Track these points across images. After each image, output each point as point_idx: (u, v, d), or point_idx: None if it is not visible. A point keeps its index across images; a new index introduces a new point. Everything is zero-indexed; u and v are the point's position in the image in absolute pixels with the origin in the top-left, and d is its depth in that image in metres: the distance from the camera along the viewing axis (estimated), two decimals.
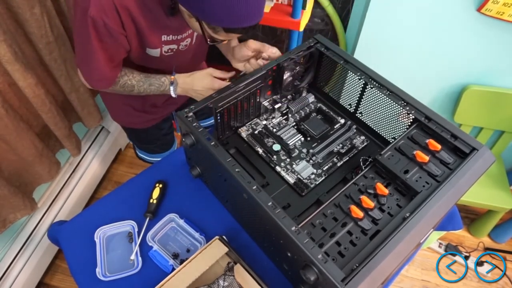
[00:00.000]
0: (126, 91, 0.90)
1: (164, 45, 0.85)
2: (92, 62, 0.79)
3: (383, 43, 1.37)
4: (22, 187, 1.27)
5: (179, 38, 0.86)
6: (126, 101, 1.05)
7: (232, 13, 0.65)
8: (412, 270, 1.59)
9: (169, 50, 0.87)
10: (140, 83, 0.89)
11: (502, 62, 1.29)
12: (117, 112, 1.13)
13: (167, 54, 0.88)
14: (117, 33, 0.75)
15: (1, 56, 1.00)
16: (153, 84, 0.90)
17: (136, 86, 0.89)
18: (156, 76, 0.90)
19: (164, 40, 0.83)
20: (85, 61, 0.82)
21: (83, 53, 0.81)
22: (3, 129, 1.07)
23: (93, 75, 0.84)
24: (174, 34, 0.84)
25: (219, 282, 0.69)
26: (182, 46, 0.89)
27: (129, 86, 0.89)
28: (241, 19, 0.66)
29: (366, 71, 0.80)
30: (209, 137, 0.69)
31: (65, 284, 1.52)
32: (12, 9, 1.03)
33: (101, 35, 0.74)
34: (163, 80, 0.90)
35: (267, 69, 0.81)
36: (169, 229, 0.82)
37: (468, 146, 0.68)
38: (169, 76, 0.91)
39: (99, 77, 0.84)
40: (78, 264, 0.78)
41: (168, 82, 0.91)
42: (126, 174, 1.86)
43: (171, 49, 0.87)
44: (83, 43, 0.78)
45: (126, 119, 1.14)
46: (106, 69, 0.81)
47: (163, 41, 0.83)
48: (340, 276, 0.53)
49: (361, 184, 0.68)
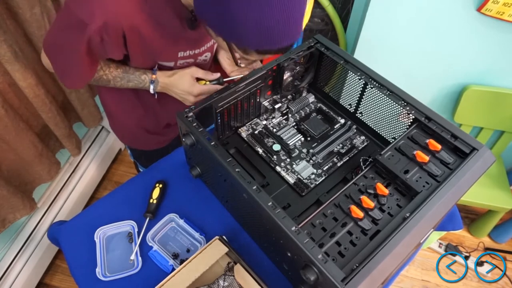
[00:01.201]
0: (99, 84, 0.83)
1: (180, 60, 0.81)
2: (73, 66, 0.73)
3: (383, 43, 1.37)
4: (22, 187, 1.27)
5: (197, 52, 0.81)
6: (139, 124, 0.99)
7: (270, 36, 0.56)
8: (412, 270, 1.59)
9: (185, 63, 0.82)
10: (117, 79, 0.82)
11: (502, 62, 1.29)
12: (128, 135, 1.06)
13: (182, 66, 0.84)
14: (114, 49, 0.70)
15: (1, 56, 1.00)
16: (132, 80, 0.83)
17: (112, 81, 0.82)
18: (135, 72, 0.82)
19: (180, 56, 0.79)
20: (62, 61, 0.74)
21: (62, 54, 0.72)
22: (3, 129, 1.08)
23: (71, 76, 0.77)
24: (191, 49, 0.79)
25: (219, 282, 0.69)
26: (200, 60, 0.85)
27: (104, 81, 0.81)
28: (279, 40, 0.57)
29: (366, 71, 0.80)
30: (209, 137, 0.69)
31: (65, 284, 1.52)
32: (12, 9, 1.03)
33: (94, 48, 0.69)
34: (143, 78, 0.83)
35: (267, 69, 0.81)
36: (169, 229, 0.82)
37: (468, 146, 0.68)
38: (150, 74, 0.83)
39: (76, 79, 0.77)
40: (78, 264, 0.78)
41: (148, 80, 0.83)
42: (126, 174, 1.86)
43: (187, 62, 0.83)
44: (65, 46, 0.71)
45: (138, 142, 1.08)
46: (86, 70, 0.74)
47: (179, 57, 0.79)
48: (340, 276, 0.53)
49: (361, 184, 0.68)
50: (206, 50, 0.82)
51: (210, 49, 0.83)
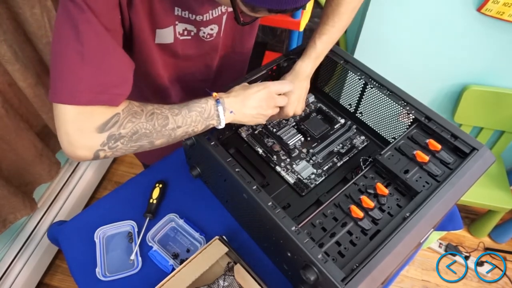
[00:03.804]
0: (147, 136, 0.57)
1: (178, 22, 0.66)
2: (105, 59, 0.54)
3: (383, 43, 1.37)
4: (22, 187, 1.27)
5: (199, 19, 0.67)
6: None
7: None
8: (412, 270, 1.59)
9: (185, 31, 0.67)
10: (174, 110, 0.60)
11: (502, 62, 1.29)
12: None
13: (183, 38, 0.69)
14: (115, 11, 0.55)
15: (1, 56, 1.00)
16: (193, 109, 0.61)
17: (171, 117, 0.59)
18: (190, 101, 0.63)
19: (177, 14, 0.64)
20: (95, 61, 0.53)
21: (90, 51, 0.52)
22: (3, 129, 1.08)
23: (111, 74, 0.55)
24: (191, 12, 0.65)
25: (219, 282, 0.69)
26: (204, 33, 0.70)
27: (160, 119, 0.58)
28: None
29: (366, 71, 0.80)
30: (209, 137, 0.69)
31: (65, 284, 1.52)
32: (12, 9, 1.03)
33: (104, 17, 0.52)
34: (203, 102, 0.63)
35: (267, 69, 0.81)
36: (169, 229, 0.82)
37: (468, 146, 0.68)
38: (209, 97, 0.64)
39: (117, 80, 0.55)
40: (78, 264, 0.78)
41: (213, 102, 0.63)
42: (126, 174, 1.86)
43: (188, 31, 0.68)
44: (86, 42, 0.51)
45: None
46: (124, 60, 0.56)
47: (176, 15, 0.64)
48: (340, 276, 0.53)
49: (361, 184, 0.68)
50: (211, 20, 0.69)
51: (217, 21, 0.70)
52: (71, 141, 0.53)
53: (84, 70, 0.52)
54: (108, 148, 0.55)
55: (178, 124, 0.60)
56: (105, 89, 0.53)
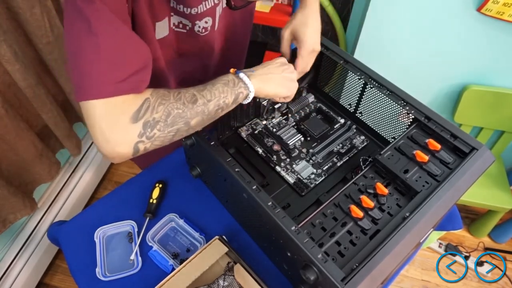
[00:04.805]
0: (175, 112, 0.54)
1: (173, 14, 0.65)
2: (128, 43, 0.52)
3: (383, 43, 1.37)
4: (22, 187, 1.27)
5: (194, 13, 0.66)
6: None
7: None
8: (412, 270, 1.59)
9: (180, 24, 0.67)
10: (199, 88, 0.58)
11: (502, 62, 1.29)
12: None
13: (178, 30, 0.69)
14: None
15: (1, 56, 1.00)
16: (217, 83, 0.59)
17: (197, 94, 0.57)
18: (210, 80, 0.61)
19: (172, 6, 0.64)
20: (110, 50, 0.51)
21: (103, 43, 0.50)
22: (3, 129, 1.08)
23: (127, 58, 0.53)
24: (185, 6, 0.65)
25: (219, 282, 0.69)
26: (200, 27, 0.70)
27: (188, 97, 0.56)
28: None
29: (366, 71, 0.80)
30: (208, 136, 0.69)
31: (65, 284, 1.52)
32: (12, 9, 1.03)
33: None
34: (223, 76, 0.62)
35: None
36: (169, 229, 0.82)
37: (467, 146, 0.69)
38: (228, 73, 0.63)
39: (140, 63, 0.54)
40: (78, 264, 0.78)
41: (233, 74, 0.62)
42: (126, 174, 1.86)
43: (183, 24, 0.68)
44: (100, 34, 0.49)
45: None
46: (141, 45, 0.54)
47: (171, 7, 0.64)
48: (340, 276, 0.53)
49: (361, 184, 0.68)
50: (205, 12, 0.67)
51: (211, 13, 0.68)
52: (107, 139, 0.50)
53: (103, 60, 0.50)
54: (146, 139, 0.52)
55: (207, 98, 0.57)
56: (128, 76, 0.51)
